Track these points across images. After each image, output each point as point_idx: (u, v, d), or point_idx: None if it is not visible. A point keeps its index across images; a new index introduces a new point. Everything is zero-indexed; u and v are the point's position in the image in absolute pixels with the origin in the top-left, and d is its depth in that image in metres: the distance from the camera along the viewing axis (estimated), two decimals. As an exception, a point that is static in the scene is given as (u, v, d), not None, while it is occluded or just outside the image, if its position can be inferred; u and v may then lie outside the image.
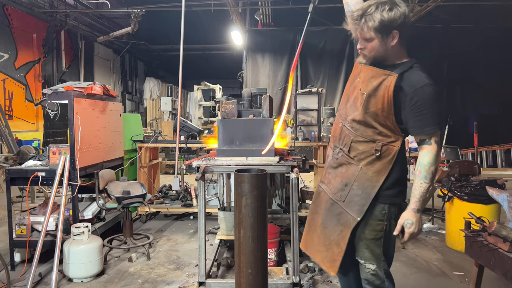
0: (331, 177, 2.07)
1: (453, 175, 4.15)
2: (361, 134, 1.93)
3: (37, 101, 8.43)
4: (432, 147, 1.83)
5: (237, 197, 1.72)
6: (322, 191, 2.13)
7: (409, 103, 1.80)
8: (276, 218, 3.93)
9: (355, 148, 1.96)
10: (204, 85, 11.08)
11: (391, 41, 1.82)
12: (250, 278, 1.71)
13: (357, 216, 1.93)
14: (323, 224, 2.06)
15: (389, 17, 1.76)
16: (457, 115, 9.74)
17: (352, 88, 2.01)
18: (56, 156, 3.62)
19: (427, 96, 1.79)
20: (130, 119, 5.64)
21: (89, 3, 9.59)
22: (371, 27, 1.78)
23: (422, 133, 1.84)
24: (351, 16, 1.83)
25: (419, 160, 1.88)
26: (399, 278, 3.38)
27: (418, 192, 1.85)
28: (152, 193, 5.49)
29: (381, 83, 1.85)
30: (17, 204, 5.62)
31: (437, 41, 9.92)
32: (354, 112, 1.94)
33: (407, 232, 1.85)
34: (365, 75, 1.92)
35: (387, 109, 1.84)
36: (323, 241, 2.05)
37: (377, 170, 1.91)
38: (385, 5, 1.77)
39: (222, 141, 3.10)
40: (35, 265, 3.17)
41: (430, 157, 1.83)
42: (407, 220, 1.86)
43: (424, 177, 1.84)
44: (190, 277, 3.42)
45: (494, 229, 2.27)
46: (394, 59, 1.89)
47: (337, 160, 2.04)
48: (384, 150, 1.90)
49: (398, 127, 1.88)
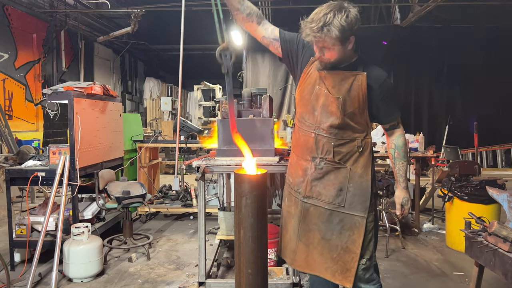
0: (319, 188, 2.02)
1: (453, 175, 4.14)
2: (341, 136, 1.98)
3: (37, 101, 8.43)
4: (401, 129, 2.10)
5: (237, 197, 1.72)
6: (311, 206, 2.04)
7: (379, 96, 1.96)
8: (276, 218, 3.93)
9: (339, 152, 1.98)
10: (204, 85, 11.08)
11: (348, 46, 1.87)
12: (250, 278, 1.71)
13: (363, 214, 1.97)
14: (324, 238, 2.01)
15: (347, 24, 1.77)
16: (457, 115, 9.73)
17: (314, 97, 2.00)
18: (56, 156, 3.61)
19: (390, 87, 2.03)
20: (130, 119, 5.63)
21: (89, 3, 9.58)
22: (334, 37, 1.78)
23: (392, 119, 2.07)
24: (311, 28, 1.79)
25: (393, 144, 2.09)
26: (399, 278, 3.38)
27: (403, 172, 2.10)
28: (152, 193, 5.49)
29: (352, 84, 1.92)
30: (17, 204, 5.62)
31: (437, 41, 9.92)
32: (329, 118, 1.96)
33: (406, 207, 2.13)
34: (333, 80, 1.95)
35: (362, 106, 1.95)
36: (329, 255, 1.99)
37: (363, 165, 2.01)
38: (341, 12, 1.77)
39: (222, 141, 3.10)
40: (35, 265, 3.16)
41: (403, 138, 2.09)
42: (404, 198, 2.12)
43: (403, 157, 2.09)
44: (190, 277, 3.42)
45: (494, 229, 2.27)
46: (348, 60, 1.97)
47: (322, 170, 2.00)
48: (363, 145, 2.01)
49: (369, 119, 2.01)
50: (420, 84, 9.95)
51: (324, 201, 2.01)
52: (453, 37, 9.79)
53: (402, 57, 9.79)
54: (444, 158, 7.51)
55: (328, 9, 1.79)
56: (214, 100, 10.69)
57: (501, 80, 9.63)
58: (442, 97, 10.09)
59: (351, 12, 1.79)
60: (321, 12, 1.79)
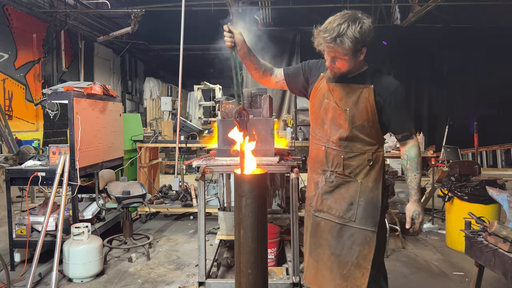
0: (330, 202, 2.01)
1: (453, 175, 4.14)
2: (351, 149, 1.97)
3: (37, 101, 8.43)
4: (415, 140, 2.03)
5: (237, 197, 1.72)
6: (321, 220, 2.04)
7: (389, 106, 1.93)
8: (276, 218, 3.94)
9: (349, 165, 1.98)
10: (204, 85, 11.07)
11: (360, 56, 1.86)
12: (250, 278, 1.71)
13: (374, 228, 1.96)
14: (334, 253, 1.99)
15: (361, 35, 1.76)
16: (457, 115, 9.74)
17: (323, 111, 2.02)
18: (56, 156, 3.61)
19: (402, 96, 1.98)
20: (130, 119, 5.63)
21: (89, 3, 9.58)
22: (347, 48, 1.77)
23: (405, 130, 2.01)
24: (324, 38, 1.78)
25: (405, 155, 2.02)
26: (399, 278, 3.38)
27: (415, 184, 2.01)
28: (152, 193, 5.48)
29: (359, 96, 1.92)
30: (17, 204, 5.62)
31: (437, 41, 9.92)
32: (338, 131, 1.96)
33: (418, 221, 2.01)
34: (340, 93, 1.95)
35: (372, 119, 1.93)
36: (339, 271, 1.98)
37: (374, 179, 1.98)
38: (355, 23, 1.76)
39: (222, 141, 3.10)
40: (35, 265, 3.16)
41: (416, 149, 2.01)
42: (414, 211, 2.01)
43: (416, 169, 2.01)
44: (190, 277, 3.42)
45: (494, 229, 2.27)
46: (358, 69, 1.96)
47: (332, 183, 2.01)
48: (374, 158, 1.98)
49: (381, 132, 1.98)
50: (420, 84, 9.96)
51: (335, 215, 2.00)
52: (453, 37, 9.79)
53: (402, 57, 9.80)
54: (444, 158, 7.51)
55: (342, 19, 1.77)
56: (214, 100, 10.68)
57: (501, 80, 9.64)
58: (442, 97, 10.09)
59: (365, 23, 1.78)
60: (335, 21, 1.77)
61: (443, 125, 9.13)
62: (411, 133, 2.02)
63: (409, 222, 2.02)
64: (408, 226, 2.03)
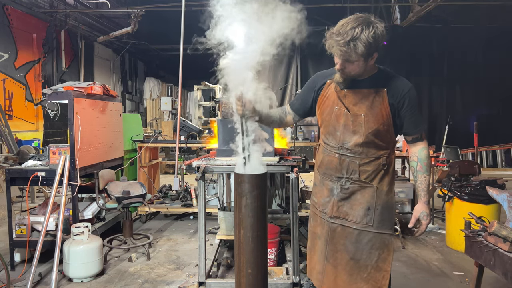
0: (346, 208, 2.01)
1: (453, 175, 4.14)
2: (366, 155, 1.96)
3: (37, 101, 8.43)
4: (425, 142, 2.03)
5: (237, 197, 1.72)
6: (338, 226, 2.03)
7: (402, 107, 1.93)
8: (276, 218, 3.93)
9: (364, 170, 1.97)
10: (204, 85, 11.07)
11: (370, 61, 1.85)
12: (250, 278, 1.71)
13: (391, 231, 2.00)
14: (354, 258, 2.00)
15: (374, 40, 1.74)
16: (457, 115, 9.75)
17: (334, 117, 1.99)
18: (56, 156, 3.61)
19: (415, 97, 1.96)
20: (130, 119, 5.63)
21: (89, 3, 9.58)
22: (359, 52, 1.75)
23: (417, 131, 2.00)
24: (336, 41, 1.74)
25: (416, 156, 2.01)
26: (399, 278, 3.38)
27: (425, 186, 2.00)
28: (152, 193, 5.48)
29: (373, 101, 1.91)
30: (17, 204, 5.62)
31: (437, 41, 9.92)
32: (353, 137, 1.95)
33: (424, 223, 1.99)
34: (353, 99, 1.94)
35: (387, 122, 1.93)
36: (359, 275, 1.99)
37: (388, 183, 2.01)
38: (368, 28, 1.73)
39: (222, 141, 3.10)
40: (35, 265, 3.17)
41: (426, 151, 2.01)
42: (422, 212, 1.99)
43: (425, 171, 2.00)
44: (190, 277, 3.42)
45: (494, 229, 2.27)
46: (369, 73, 1.94)
47: (348, 190, 2.00)
48: (388, 162, 2.00)
49: (394, 135, 1.98)
50: (420, 84, 9.96)
51: (352, 221, 2.00)
52: (453, 37, 9.80)
53: (402, 57, 9.80)
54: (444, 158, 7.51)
55: (356, 22, 1.73)
56: (214, 100, 10.67)
57: (501, 80, 9.64)
58: (442, 97, 10.10)
59: (378, 28, 1.75)
60: (348, 25, 1.74)
61: (443, 125, 9.14)
62: (422, 136, 2.02)
63: (413, 222, 2.01)
64: (411, 225, 2.02)
